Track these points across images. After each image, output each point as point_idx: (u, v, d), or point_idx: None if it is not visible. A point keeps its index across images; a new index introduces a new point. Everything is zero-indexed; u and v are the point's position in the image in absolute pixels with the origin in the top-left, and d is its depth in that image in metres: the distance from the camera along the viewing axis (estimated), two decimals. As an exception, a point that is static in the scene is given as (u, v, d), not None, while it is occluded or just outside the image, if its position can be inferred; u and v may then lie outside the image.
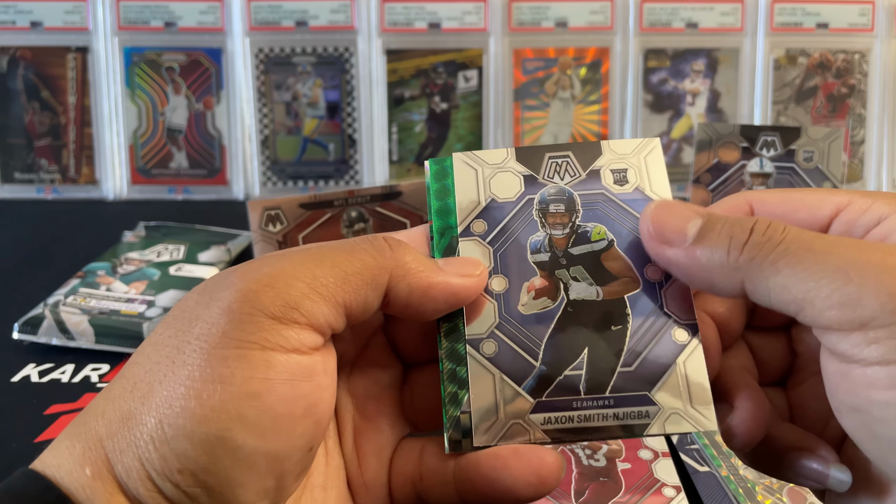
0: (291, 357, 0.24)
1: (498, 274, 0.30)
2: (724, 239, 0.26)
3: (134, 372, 0.25)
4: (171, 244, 0.73)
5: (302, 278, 0.25)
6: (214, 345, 0.24)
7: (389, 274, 0.27)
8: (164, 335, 0.25)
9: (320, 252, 0.26)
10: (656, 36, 0.92)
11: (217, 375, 0.23)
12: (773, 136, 0.58)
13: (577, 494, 0.41)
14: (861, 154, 0.92)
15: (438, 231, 0.31)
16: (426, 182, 0.32)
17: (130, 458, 0.23)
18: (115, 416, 0.24)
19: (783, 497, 0.41)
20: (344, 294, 0.26)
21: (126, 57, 0.91)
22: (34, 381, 0.55)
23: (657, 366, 0.28)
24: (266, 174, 0.92)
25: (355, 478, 0.30)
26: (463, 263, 0.29)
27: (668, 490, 0.42)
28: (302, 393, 0.25)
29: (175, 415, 0.23)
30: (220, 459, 0.23)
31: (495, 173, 0.32)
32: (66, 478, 0.23)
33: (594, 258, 0.30)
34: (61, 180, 0.92)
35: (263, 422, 0.24)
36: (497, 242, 0.30)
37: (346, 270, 0.26)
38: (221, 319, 0.24)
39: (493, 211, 0.31)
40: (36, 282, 0.69)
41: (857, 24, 0.92)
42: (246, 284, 0.25)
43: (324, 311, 0.25)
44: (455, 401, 0.28)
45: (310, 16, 0.91)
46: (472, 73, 0.92)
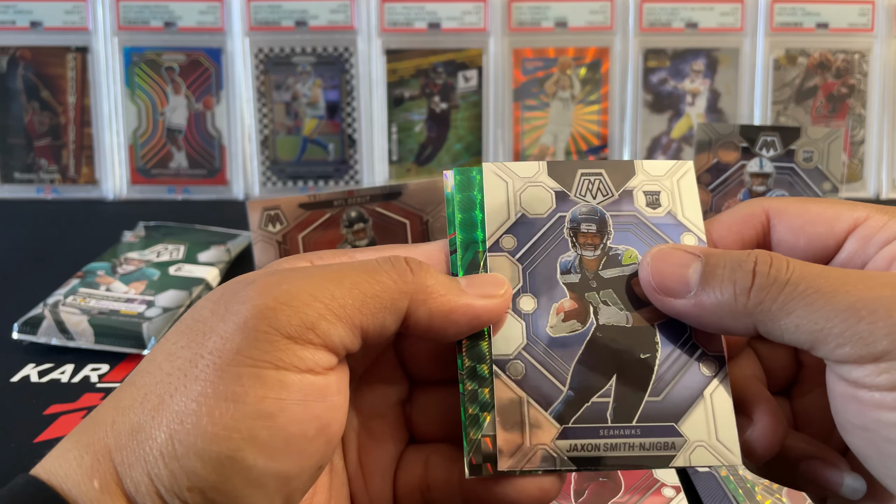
0: (305, 377, 0.24)
1: (527, 293, 0.29)
2: (727, 284, 0.26)
3: (145, 381, 0.24)
4: (171, 244, 0.73)
5: (320, 298, 0.25)
6: (229, 361, 0.23)
7: (410, 299, 0.26)
8: (178, 345, 0.25)
9: (340, 272, 0.26)
10: (656, 36, 0.92)
11: (230, 393, 0.23)
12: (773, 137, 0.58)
13: (576, 494, 0.41)
14: (861, 154, 0.92)
15: (462, 245, 0.30)
16: (448, 192, 0.31)
17: (139, 473, 0.23)
18: (124, 427, 0.23)
19: (782, 497, 0.41)
20: (362, 317, 0.25)
21: (126, 57, 0.91)
22: (34, 382, 0.55)
23: (684, 397, 0.27)
24: (266, 174, 0.92)
25: (359, 494, 0.30)
26: (486, 283, 0.28)
27: (667, 490, 0.42)
28: (315, 414, 0.24)
29: (186, 431, 0.23)
30: (231, 479, 0.23)
31: (526, 187, 0.31)
32: (74, 490, 0.23)
33: (625, 282, 0.29)
34: (61, 180, 0.92)
35: (275, 442, 0.23)
36: (527, 260, 0.30)
37: (365, 293, 0.25)
38: (237, 335, 0.24)
39: (523, 226, 0.30)
40: (35, 282, 0.69)
41: (857, 24, 0.92)
42: (263, 301, 0.24)
43: (340, 332, 0.25)
44: (476, 423, 0.27)
45: (309, 16, 0.91)
46: (472, 73, 0.92)
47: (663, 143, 0.93)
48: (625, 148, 0.93)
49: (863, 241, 0.28)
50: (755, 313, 0.25)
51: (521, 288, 0.29)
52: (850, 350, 0.24)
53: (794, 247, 0.29)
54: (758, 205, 0.30)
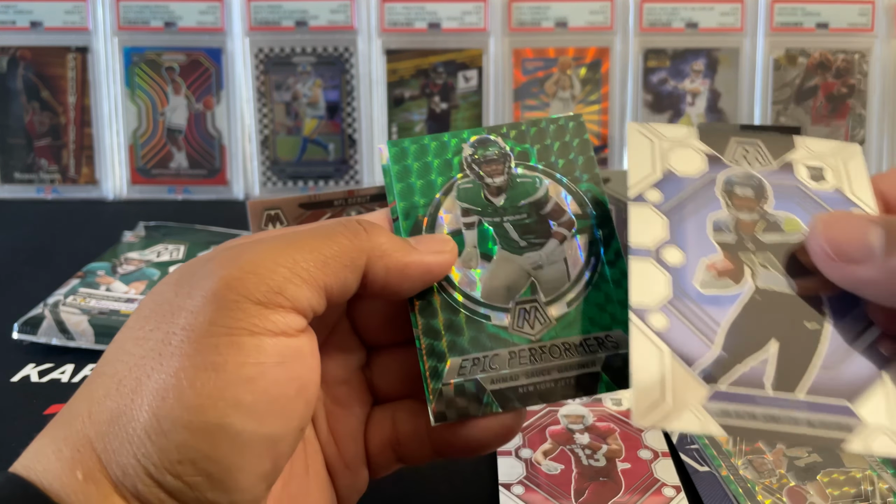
0: (280, 340, 0.25)
1: (673, 245, 0.29)
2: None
3: (117, 369, 0.24)
4: (171, 244, 0.73)
5: (283, 264, 0.25)
6: (203, 333, 0.24)
7: (367, 255, 0.27)
8: (145, 329, 0.25)
9: (298, 237, 0.27)
10: (656, 36, 0.92)
11: (210, 364, 0.23)
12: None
13: (576, 494, 0.41)
14: (861, 154, 0.92)
15: (403, 212, 0.32)
16: (384, 165, 0.33)
17: (126, 456, 0.23)
18: (103, 416, 0.24)
19: (783, 497, 0.41)
20: (325, 277, 0.26)
21: (126, 57, 0.91)
22: (34, 381, 0.55)
23: (860, 376, 0.26)
24: (266, 174, 0.92)
25: (334, 459, 0.31)
26: (434, 240, 0.30)
27: (667, 490, 0.42)
28: (294, 374, 0.25)
29: (170, 406, 0.23)
30: (221, 446, 0.23)
31: (674, 147, 0.32)
32: (56, 483, 0.23)
33: (787, 250, 0.29)
34: (61, 180, 0.92)
35: (260, 406, 0.24)
36: (674, 215, 0.30)
37: (325, 254, 0.26)
38: (207, 308, 0.24)
39: (670, 183, 0.31)
40: (36, 282, 0.69)
41: (857, 24, 0.92)
42: (228, 272, 0.25)
43: (307, 294, 0.26)
44: (436, 374, 0.29)
45: (310, 16, 0.91)
46: (472, 73, 0.92)
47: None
48: (625, 148, 0.93)
49: None
50: None
51: (666, 241, 0.29)
52: None
53: None
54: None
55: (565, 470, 0.43)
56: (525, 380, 0.29)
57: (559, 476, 0.43)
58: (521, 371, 0.29)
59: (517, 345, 0.30)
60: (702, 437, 0.46)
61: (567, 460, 0.44)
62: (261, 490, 0.25)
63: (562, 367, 0.29)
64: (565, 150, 0.33)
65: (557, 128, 0.34)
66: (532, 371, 0.29)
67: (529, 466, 0.44)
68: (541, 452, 0.45)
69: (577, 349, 0.30)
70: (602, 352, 0.30)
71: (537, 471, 0.43)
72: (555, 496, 0.41)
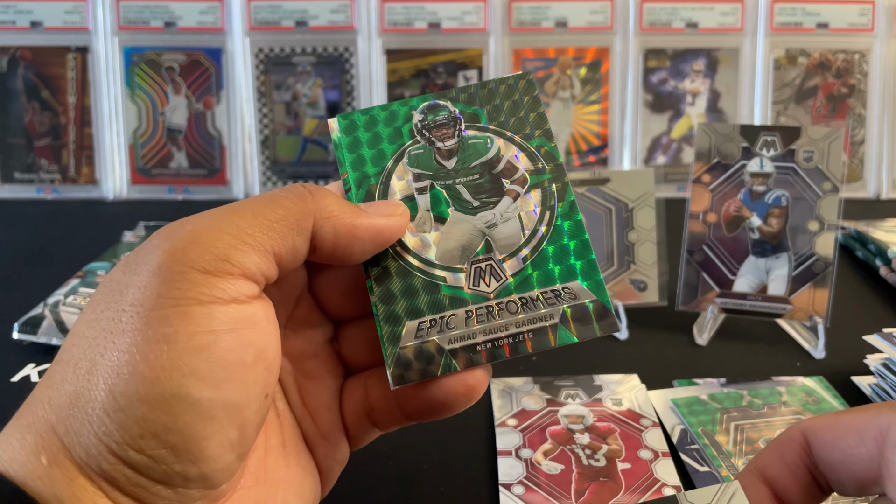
0: (231, 307, 0.25)
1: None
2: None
3: (72, 354, 0.25)
4: (171, 244, 0.73)
5: (227, 230, 0.25)
6: (151, 307, 0.24)
7: (313, 217, 0.27)
8: (96, 311, 0.25)
9: (241, 205, 0.27)
10: (656, 36, 0.92)
11: (160, 335, 0.23)
12: (773, 136, 0.58)
13: (577, 494, 0.41)
14: (861, 154, 0.92)
15: (356, 182, 0.32)
16: (335, 137, 0.33)
17: (87, 437, 0.23)
18: (62, 399, 0.24)
19: (783, 497, 0.41)
20: (271, 241, 0.26)
21: (126, 57, 0.91)
22: (34, 381, 0.55)
23: None
24: (266, 174, 0.92)
25: (311, 432, 0.32)
26: (384, 205, 0.30)
27: (668, 490, 0.42)
28: (249, 340, 0.25)
29: (125, 382, 0.23)
30: (181, 416, 0.23)
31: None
32: (20, 469, 0.23)
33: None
34: (61, 180, 0.92)
35: (216, 373, 0.24)
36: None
37: (269, 218, 0.26)
38: (153, 281, 0.24)
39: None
40: (36, 282, 0.69)
41: (857, 24, 0.92)
42: (172, 244, 0.25)
43: (254, 259, 0.25)
44: (393, 338, 0.30)
45: (310, 16, 0.91)
46: (472, 73, 0.92)
47: (663, 143, 0.93)
48: (625, 148, 0.93)
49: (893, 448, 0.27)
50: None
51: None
52: None
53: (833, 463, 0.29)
54: (795, 428, 0.30)
55: (565, 470, 0.43)
56: (483, 337, 0.30)
57: (559, 476, 0.43)
58: (478, 329, 0.30)
59: (474, 303, 0.30)
60: (701, 436, 0.46)
61: (567, 460, 0.44)
62: (230, 460, 0.25)
63: (519, 323, 0.30)
64: (515, 109, 0.33)
65: (507, 87, 0.34)
66: (490, 329, 0.30)
67: (530, 466, 0.44)
68: (541, 452, 0.45)
69: (533, 303, 0.30)
70: (559, 304, 0.30)
71: (537, 471, 0.43)
72: (555, 496, 0.41)
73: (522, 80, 0.34)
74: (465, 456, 0.45)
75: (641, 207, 0.60)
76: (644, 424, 0.47)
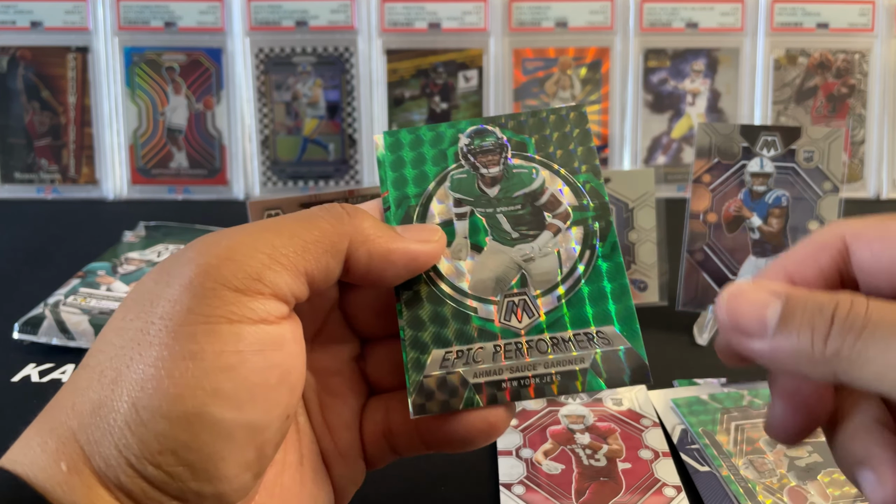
0: (260, 328, 0.24)
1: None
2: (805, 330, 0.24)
3: (98, 360, 0.24)
4: (172, 244, 0.73)
5: (262, 249, 0.25)
6: (181, 322, 0.23)
7: (349, 240, 0.27)
8: (125, 319, 0.25)
9: (277, 223, 0.26)
10: (656, 36, 0.92)
11: (187, 352, 0.23)
12: (773, 136, 0.58)
13: (577, 494, 0.41)
14: (861, 154, 0.92)
15: (395, 201, 0.31)
16: (379, 155, 0.33)
17: (107, 447, 0.23)
18: (85, 406, 0.24)
19: (784, 497, 0.41)
20: (305, 262, 0.26)
21: (126, 57, 0.91)
22: (34, 382, 0.55)
23: None
24: (266, 174, 0.92)
25: (329, 449, 0.31)
26: (421, 229, 0.30)
27: (668, 490, 0.42)
28: (274, 362, 0.25)
29: (149, 396, 0.23)
30: (200, 435, 0.23)
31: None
32: (40, 475, 0.23)
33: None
34: (61, 180, 0.92)
35: (240, 394, 0.24)
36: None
37: (305, 239, 0.26)
38: (184, 296, 0.24)
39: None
40: (36, 282, 0.69)
41: (857, 24, 0.92)
42: (206, 259, 0.24)
43: (286, 280, 0.25)
44: (417, 366, 0.29)
45: (310, 16, 0.91)
46: (472, 73, 0.92)
47: (664, 143, 0.93)
48: (625, 148, 0.93)
49: None
50: (833, 362, 0.24)
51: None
52: None
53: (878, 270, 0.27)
54: (833, 231, 0.28)
55: (566, 470, 0.43)
56: (509, 374, 0.29)
57: (560, 476, 0.43)
58: (506, 366, 0.29)
59: (503, 338, 0.29)
60: (701, 436, 0.46)
61: (568, 460, 0.44)
62: (246, 479, 0.25)
63: (548, 363, 0.29)
64: (564, 141, 0.33)
65: (558, 118, 0.33)
66: (518, 366, 0.29)
67: (530, 466, 0.44)
68: (541, 452, 0.45)
69: (565, 345, 0.29)
70: (591, 348, 0.29)
71: (538, 471, 0.43)
72: (555, 496, 0.41)
73: (574, 113, 0.33)
74: (465, 455, 0.45)
75: (642, 207, 0.60)
76: (644, 424, 0.47)
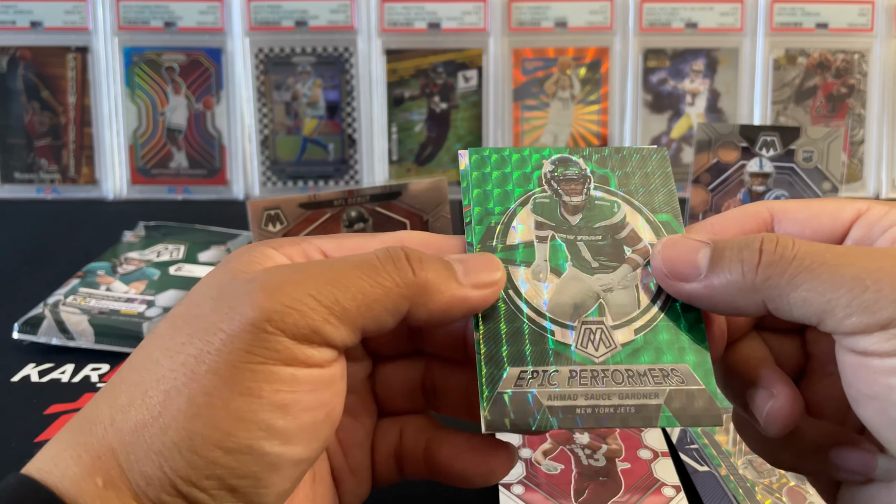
0: (314, 371, 0.25)
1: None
2: (735, 264, 0.27)
3: (143, 378, 0.25)
4: (171, 244, 0.73)
5: (324, 302, 0.25)
6: (240, 359, 0.24)
7: (410, 303, 0.27)
8: (176, 341, 0.25)
9: (344, 274, 0.26)
10: (656, 36, 0.92)
11: (245, 388, 0.24)
12: (773, 136, 0.58)
13: (576, 494, 0.41)
14: (860, 154, 0.92)
15: (477, 217, 0.32)
16: (463, 169, 0.33)
17: (150, 467, 0.23)
18: (126, 424, 0.24)
19: (783, 497, 0.41)
20: (364, 321, 0.26)
21: (126, 57, 0.91)
22: (34, 381, 0.55)
23: None
24: (266, 174, 0.92)
25: (340, 467, 0.32)
26: (483, 268, 0.29)
27: (667, 490, 0.42)
28: (323, 401, 0.26)
29: (202, 424, 0.23)
30: (249, 465, 0.24)
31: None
32: (73, 488, 0.23)
33: None
34: (61, 180, 0.92)
35: (290, 430, 0.25)
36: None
37: (367, 296, 0.26)
38: (245, 335, 0.24)
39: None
40: (36, 282, 0.69)
41: (856, 24, 0.92)
42: (270, 305, 0.25)
43: (343, 334, 0.26)
44: (492, 381, 0.29)
45: (309, 16, 0.91)
46: (472, 73, 0.92)
47: (663, 143, 0.93)
48: (625, 148, 0.93)
49: (867, 227, 0.29)
50: (763, 289, 0.26)
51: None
52: (857, 319, 0.25)
53: (801, 237, 0.30)
54: (761, 205, 0.31)
55: (565, 470, 0.43)
56: (584, 401, 0.28)
57: (559, 476, 0.43)
58: (580, 392, 0.29)
59: (579, 364, 0.29)
60: (701, 436, 0.46)
61: (567, 460, 0.44)
62: (279, 502, 0.26)
63: (623, 395, 0.29)
64: (646, 181, 0.33)
65: (640, 158, 0.34)
66: (592, 394, 0.29)
67: (529, 466, 0.44)
68: (540, 452, 0.45)
69: (640, 378, 0.29)
70: (666, 384, 0.29)
71: (537, 470, 0.43)
72: (555, 496, 0.41)
73: (657, 155, 0.34)
74: (464, 456, 0.45)
75: (641, 207, 0.60)
76: (643, 424, 0.47)
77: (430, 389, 0.34)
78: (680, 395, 0.29)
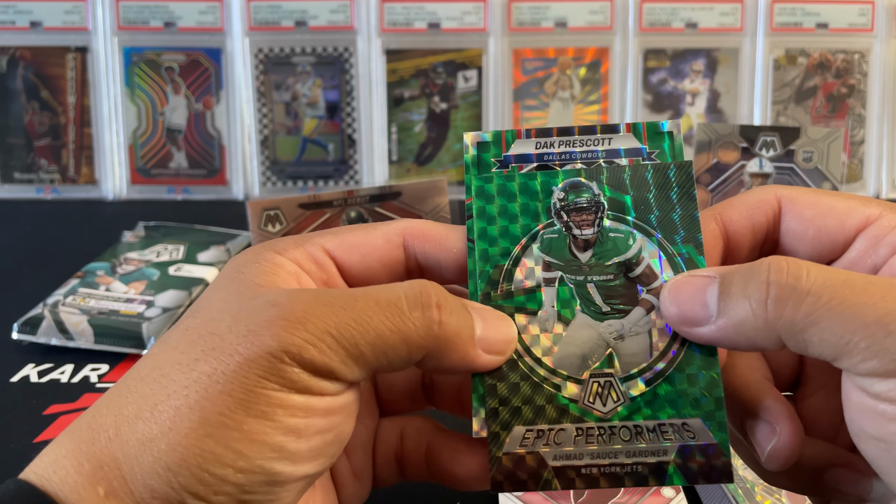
0: (327, 399, 0.26)
1: None
2: (742, 301, 0.25)
3: (153, 390, 0.24)
4: (171, 244, 0.73)
5: (344, 344, 0.25)
6: (255, 384, 0.24)
7: (426, 353, 0.27)
8: (189, 356, 0.25)
9: (367, 314, 0.26)
10: (656, 36, 0.92)
11: (259, 412, 0.24)
12: (773, 137, 0.58)
13: (576, 494, 0.41)
14: (861, 154, 0.92)
15: (481, 256, 0.30)
16: (468, 205, 0.31)
17: (158, 482, 0.23)
18: (133, 436, 0.24)
19: (782, 497, 0.41)
20: (378, 364, 0.26)
21: (126, 57, 0.91)
22: (33, 382, 0.55)
23: None
24: (265, 174, 0.92)
25: (343, 469, 0.32)
26: (500, 332, 0.28)
27: (667, 490, 0.42)
28: (335, 423, 0.26)
29: (215, 443, 0.23)
30: (259, 482, 0.24)
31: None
32: (73, 496, 0.23)
33: None
34: (61, 180, 0.92)
35: (301, 451, 0.25)
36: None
37: (387, 343, 0.26)
38: (262, 362, 0.24)
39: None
40: (35, 282, 0.69)
41: (856, 24, 0.92)
42: (289, 338, 0.24)
43: (356, 374, 0.26)
44: (497, 441, 0.28)
45: (309, 16, 0.91)
46: (472, 73, 0.92)
47: (663, 143, 0.93)
48: (625, 148, 0.93)
49: (873, 240, 0.28)
50: (777, 326, 0.24)
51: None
52: (877, 364, 0.23)
53: (803, 237, 0.29)
54: (770, 191, 0.30)
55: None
56: (589, 460, 0.27)
57: (558, 476, 0.43)
58: (586, 451, 0.27)
59: (586, 421, 0.28)
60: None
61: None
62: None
63: (630, 452, 0.27)
64: (666, 205, 0.30)
65: (662, 176, 0.31)
66: (599, 453, 0.27)
67: (529, 467, 0.43)
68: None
69: (649, 434, 0.27)
70: (675, 441, 0.27)
71: (537, 471, 0.43)
72: (554, 496, 0.41)
73: (680, 171, 0.30)
74: (464, 456, 0.45)
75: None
76: (643, 425, 0.47)
77: (429, 386, 0.34)
78: (691, 451, 0.27)
